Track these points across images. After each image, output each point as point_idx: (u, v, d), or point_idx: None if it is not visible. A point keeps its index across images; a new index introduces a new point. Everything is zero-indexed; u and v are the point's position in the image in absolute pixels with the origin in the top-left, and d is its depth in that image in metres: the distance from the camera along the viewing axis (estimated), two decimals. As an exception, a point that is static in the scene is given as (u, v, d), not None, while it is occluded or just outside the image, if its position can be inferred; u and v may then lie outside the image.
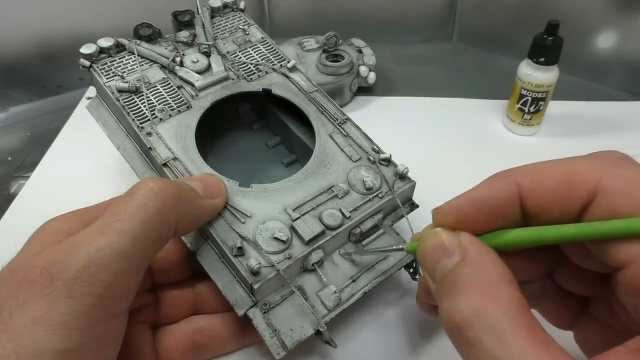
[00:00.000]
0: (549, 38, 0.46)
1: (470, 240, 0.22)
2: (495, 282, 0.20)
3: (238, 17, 0.45)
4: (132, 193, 0.25)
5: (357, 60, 0.56)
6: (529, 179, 0.22)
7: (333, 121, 0.38)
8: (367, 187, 0.34)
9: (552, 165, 0.22)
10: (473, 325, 0.19)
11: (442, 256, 0.22)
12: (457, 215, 0.23)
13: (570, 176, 0.21)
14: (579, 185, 0.21)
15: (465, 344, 0.19)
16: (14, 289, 0.22)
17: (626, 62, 0.60)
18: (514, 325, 0.18)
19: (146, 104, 0.37)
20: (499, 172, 0.23)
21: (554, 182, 0.22)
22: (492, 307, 0.19)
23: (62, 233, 0.25)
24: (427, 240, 0.23)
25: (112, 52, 0.40)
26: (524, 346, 0.18)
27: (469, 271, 0.21)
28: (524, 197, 0.22)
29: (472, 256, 0.21)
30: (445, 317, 0.20)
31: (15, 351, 0.20)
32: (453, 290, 0.21)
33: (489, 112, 0.55)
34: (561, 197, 0.22)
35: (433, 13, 0.68)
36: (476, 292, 0.20)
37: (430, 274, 0.23)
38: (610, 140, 0.51)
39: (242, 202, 0.33)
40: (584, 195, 0.21)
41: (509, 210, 0.23)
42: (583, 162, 0.22)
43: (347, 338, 0.34)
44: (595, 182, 0.21)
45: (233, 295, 0.30)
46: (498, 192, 0.23)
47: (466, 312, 0.19)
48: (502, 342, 0.18)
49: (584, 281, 0.26)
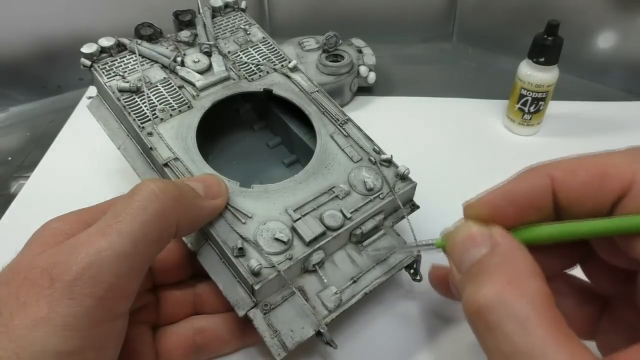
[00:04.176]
0: (549, 38, 0.46)
1: (501, 233, 0.22)
2: (523, 272, 0.20)
3: (239, 16, 0.45)
4: (133, 194, 0.25)
5: (357, 60, 0.56)
6: (562, 172, 0.22)
7: (334, 122, 0.38)
8: (368, 188, 0.34)
9: (586, 159, 0.22)
10: (496, 309, 0.19)
11: (471, 247, 0.22)
12: (489, 208, 0.23)
13: (605, 169, 0.21)
14: (613, 178, 0.21)
15: (485, 329, 0.19)
16: (15, 290, 0.22)
17: (626, 62, 0.60)
18: (537, 314, 0.18)
19: (147, 104, 0.37)
20: (532, 165, 0.23)
21: (588, 174, 0.22)
22: (517, 294, 0.19)
23: (62, 234, 0.25)
24: (458, 232, 0.23)
25: (113, 51, 0.40)
26: (546, 336, 0.18)
27: (497, 260, 0.21)
28: (557, 190, 0.22)
29: (502, 248, 0.21)
30: (468, 301, 0.20)
31: (15, 352, 0.20)
32: (478, 277, 0.20)
33: (489, 112, 0.55)
34: (595, 189, 0.21)
35: (433, 13, 0.68)
36: (502, 280, 0.20)
37: (457, 264, 0.23)
38: (610, 140, 0.51)
39: (243, 202, 0.33)
40: (618, 188, 0.21)
41: (542, 203, 0.22)
42: (618, 155, 0.22)
43: (348, 339, 0.34)
44: (630, 176, 0.21)
45: (234, 295, 0.30)
46: (531, 185, 0.23)
47: (489, 297, 0.19)
48: (524, 330, 0.18)
49: (610, 278, 0.25)
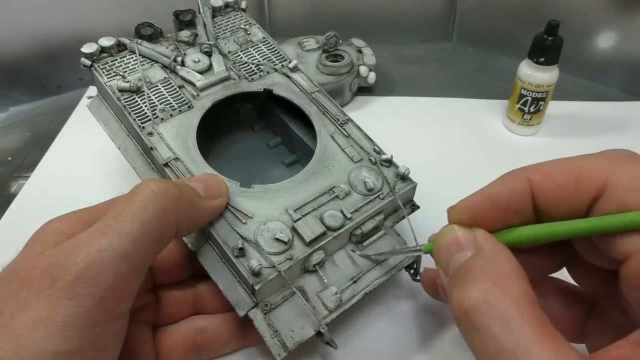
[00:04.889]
0: (549, 38, 0.46)
1: (485, 236, 0.22)
2: (507, 274, 0.20)
3: (239, 16, 0.45)
4: (133, 194, 0.25)
5: (357, 60, 0.56)
6: (540, 175, 0.23)
7: (334, 122, 0.38)
8: (368, 188, 0.34)
9: (562, 162, 0.23)
10: (481, 311, 0.19)
11: (456, 251, 0.22)
12: (472, 212, 0.23)
13: (580, 171, 0.22)
14: (588, 180, 0.21)
15: (471, 330, 0.20)
16: (15, 290, 0.22)
17: (626, 62, 0.60)
18: (522, 315, 0.19)
19: (147, 104, 0.37)
20: (512, 170, 0.24)
21: (564, 177, 0.22)
22: (502, 296, 0.19)
23: (62, 234, 0.25)
24: (443, 236, 0.24)
25: (113, 51, 0.39)
26: (531, 336, 0.18)
27: (482, 263, 0.21)
28: (536, 193, 0.23)
29: (486, 251, 0.22)
30: (455, 304, 0.21)
31: (15, 352, 0.20)
32: (464, 280, 0.21)
33: (489, 112, 0.55)
34: (571, 192, 0.22)
35: (433, 13, 0.68)
36: (487, 282, 0.20)
37: (443, 268, 0.23)
38: (610, 140, 0.51)
39: (244, 202, 0.33)
40: (593, 190, 0.21)
41: (522, 206, 0.23)
42: (593, 158, 0.22)
43: (348, 339, 0.34)
44: (604, 178, 0.21)
45: (234, 295, 0.30)
46: (510, 188, 0.23)
47: (475, 299, 0.20)
48: (509, 330, 0.18)
49: (594, 279, 0.26)
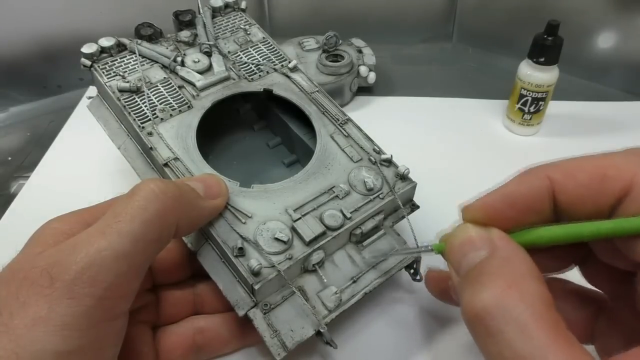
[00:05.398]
0: (549, 38, 0.46)
1: (500, 236, 0.22)
2: (523, 275, 0.20)
3: (239, 16, 0.45)
4: (133, 194, 0.25)
5: (357, 60, 0.56)
6: (561, 174, 0.22)
7: (334, 122, 0.38)
8: (368, 188, 0.34)
9: (584, 160, 0.22)
10: (495, 315, 0.19)
11: (469, 250, 0.22)
12: (488, 211, 0.23)
13: (605, 170, 0.21)
14: (613, 179, 0.21)
15: (485, 334, 0.19)
16: (14, 290, 0.22)
17: (626, 62, 0.60)
18: (538, 319, 0.18)
19: (147, 104, 0.37)
20: (530, 167, 0.23)
21: (587, 176, 0.21)
22: (517, 299, 0.19)
23: (62, 233, 0.25)
24: (457, 236, 0.23)
25: (113, 51, 0.39)
26: (547, 341, 0.18)
27: (496, 264, 0.20)
28: (556, 192, 0.22)
29: (502, 251, 0.21)
30: (467, 305, 0.20)
31: (15, 352, 0.20)
32: (477, 281, 0.20)
33: (489, 112, 0.55)
34: (594, 191, 0.21)
35: (433, 13, 0.68)
36: (502, 284, 0.19)
37: (455, 268, 0.22)
38: (610, 140, 0.51)
39: (243, 202, 0.33)
40: (618, 190, 0.21)
41: (541, 205, 0.22)
42: (617, 157, 0.21)
43: (348, 339, 0.34)
44: (629, 177, 0.20)
45: (234, 295, 0.30)
46: (529, 187, 0.22)
47: (489, 302, 0.19)
48: (525, 335, 0.18)
49: (608, 279, 0.25)
